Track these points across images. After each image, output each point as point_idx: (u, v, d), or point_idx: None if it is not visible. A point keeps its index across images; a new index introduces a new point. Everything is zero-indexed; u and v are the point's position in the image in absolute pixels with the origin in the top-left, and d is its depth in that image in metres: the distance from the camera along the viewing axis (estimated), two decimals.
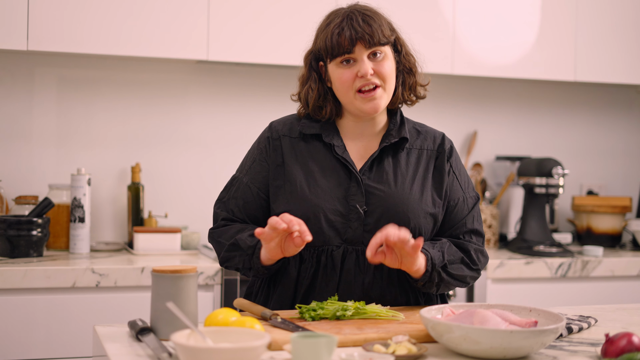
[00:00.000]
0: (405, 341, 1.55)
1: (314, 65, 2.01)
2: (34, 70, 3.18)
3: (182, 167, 3.35)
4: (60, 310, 2.63)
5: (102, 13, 2.92)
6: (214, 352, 1.32)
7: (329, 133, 1.99)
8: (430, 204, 1.97)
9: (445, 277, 1.92)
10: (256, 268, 1.91)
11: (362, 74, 1.91)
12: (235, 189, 2.03)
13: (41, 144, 3.19)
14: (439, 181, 2.01)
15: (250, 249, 1.90)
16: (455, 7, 3.32)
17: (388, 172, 1.97)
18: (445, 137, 2.07)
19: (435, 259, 1.89)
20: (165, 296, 1.62)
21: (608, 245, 3.56)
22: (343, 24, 1.92)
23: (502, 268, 3.08)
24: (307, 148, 1.99)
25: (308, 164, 1.97)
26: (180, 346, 1.34)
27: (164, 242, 3.03)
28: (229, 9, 3.05)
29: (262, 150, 2.03)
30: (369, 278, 1.92)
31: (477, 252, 2.00)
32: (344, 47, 1.91)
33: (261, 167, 2.01)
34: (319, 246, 1.93)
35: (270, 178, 1.99)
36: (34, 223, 2.82)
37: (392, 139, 1.99)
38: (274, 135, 2.02)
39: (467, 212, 2.02)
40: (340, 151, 1.97)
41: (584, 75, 3.51)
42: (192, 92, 3.36)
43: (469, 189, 2.05)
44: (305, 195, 1.93)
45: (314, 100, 1.99)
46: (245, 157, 2.08)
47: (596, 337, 1.75)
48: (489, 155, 3.77)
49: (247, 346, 1.33)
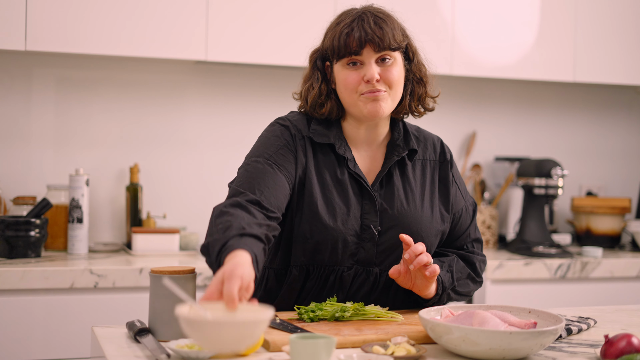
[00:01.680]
0: (404, 342, 1.55)
1: (319, 65, 1.94)
2: (32, 71, 3.17)
3: (181, 167, 3.34)
4: (58, 311, 2.62)
5: (101, 13, 2.91)
6: (226, 325, 1.30)
7: (340, 143, 1.91)
8: (439, 221, 1.95)
9: (454, 296, 1.93)
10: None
11: (368, 78, 1.84)
12: (254, 169, 1.81)
13: (39, 145, 3.18)
14: (445, 194, 1.97)
15: (214, 265, 1.63)
16: (454, 7, 3.31)
17: (399, 188, 1.92)
18: (444, 143, 2.04)
19: (445, 282, 1.87)
20: (163, 297, 1.62)
21: (607, 246, 3.55)
22: (353, 24, 1.84)
23: (501, 269, 3.08)
24: (323, 157, 1.90)
25: (324, 175, 1.89)
26: (192, 320, 1.31)
27: (163, 242, 3.03)
28: (228, 10, 3.04)
29: (288, 141, 1.89)
30: (375, 296, 1.91)
31: (481, 263, 2.00)
32: (352, 49, 1.84)
33: (289, 157, 1.86)
34: (329, 266, 1.88)
35: (297, 175, 1.86)
36: (32, 224, 2.81)
37: (401, 152, 1.93)
38: (298, 134, 1.90)
39: (470, 222, 2.01)
40: (352, 166, 1.90)
41: (583, 76, 3.51)
42: (191, 93, 3.35)
43: (467, 196, 2.03)
44: (324, 219, 1.84)
45: (313, 98, 1.91)
46: (257, 146, 1.90)
47: (595, 338, 1.74)
48: (488, 156, 3.76)
49: (256, 319, 1.32)
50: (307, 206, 1.86)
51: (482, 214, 3.48)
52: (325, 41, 1.92)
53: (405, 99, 1.94)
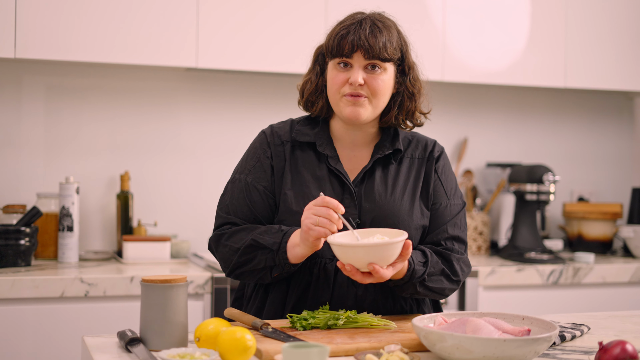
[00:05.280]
0: (398, 350, 1.54)
1: (320, 60, 1.99)
2: (21, 78, 3.16)
3: (172, 174, 3.33)
4: (48, 320, 2.60)
5: (91, 20, 2.90)
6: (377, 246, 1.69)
7: (322, 142, 1.96)
8: (420, 215, 1.96)
9: (422, 291, 1.88)
10: (281, 265, 1.83)
11: (351, 81, 1.88)
12: (238, 191, 1.96)
13: (29, 153, 3.17)
14: (426, 189, 1.99)
15: (275, 244, 1.82)
16: (445, 14, 3.32)
17: (379, 183, 1.95)
18: (437, 143, 2.05)
19: (417, 271, 1.84)
20: (155, 306, 1.60)
21: (599, 251, 3.56)
22: (350, 27, 1.89)
23: (494, 275, 3.07)
24: (302, 156, 1.97)
25: (302, 173, 1.94)
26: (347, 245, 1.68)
27: (154, 250, 3.01)
28: (218, 16, 3.04)
29: (265, 151, 1.98)
30: (361, 290, 1.90)
31: (460, 262, 1.96)
32: (344, 51, 1.88)
33: (266, 168, 1.96)
34: (311, 258, 1.90)
35: (275, 181, 1.95)
36: (22, 232, 2.80)
37: (385, 150, 1.97)
38: (276, 140, 1.99)
39: (450, 219, 1.99)
40: (333, 162, 1.94)
41: (574, 82, 3.51)
42: (182, 100, 3.35)
43: (455, 197, 2.02)
44: (297, 209, 1.89)
45: (309, 93, 1.98)
46: (242, 160, 2.02)
47: (589, 345, 1.74)
48: (479, 162, 3.76)
49: (397, 238, 1.69)
50: (283, 203, 1.92)
51: (474, 220, 3.47)
52: (325, 39, 1.97)
53: (393, 110, 1.96)
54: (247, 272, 1.89)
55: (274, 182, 1.94)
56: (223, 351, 1.49)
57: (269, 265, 1.85)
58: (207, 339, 1.57)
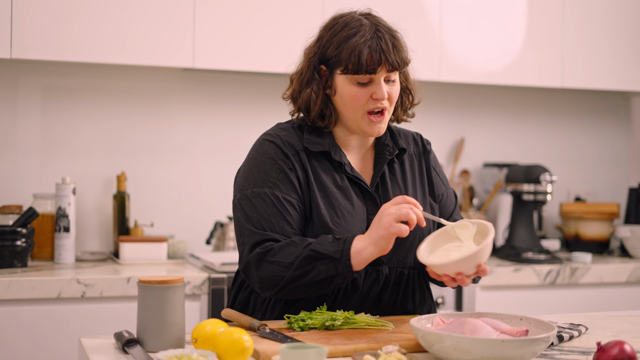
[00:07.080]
0: (396, 351, 1.54)
1: (318, 68, 1.91)
2: (18, 79, 3.15)
3: (168, 175, 3.32)
4: (45, 321, 2.60)
5: (87, 21, 2.89)
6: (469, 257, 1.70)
7: (335, 150, 1.92)
8: (432, 210, 2.00)
9: None
10: (344, 273, 1.76)
11: (378, 97, 1.85)
12: (269, 206, 1.83)
13: (25, 153, 3.16)
14: (429, 183, 2.03)
15: (337, 252, 1.75)
16: (442, 13, 3.32)
17: (391, 184, 1.96)
18: (422, 136, 2.09)
19: None
20: (152, 307, 1.60)
21: (596, 251, 3.56)
22: (371, 42, 1.83)
23: (491, 275, 3.07)
24: (319, 166, 1.91)
25: (326, 184, 1.89)
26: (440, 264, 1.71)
27: (150, 251, 3.01)
28: (215, 17, 3.03)
29: (285, 162, 1.88)
30: (386, 295, 1.91)
31: None
32: (368, 67, 1.83)
33: (292, 180, 1.87)
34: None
35: (304, 193, 1.87)
36: (18, 233, 2.79)
37: (391, 150, 1.98)
38: (291, 150, 1.89)
39: (453, 207, 2.06)
40: (349, 169, 1.92)
41: (571, 82, 3.51)
42: (178, 100, 3.34)
43: (448, 185, 2.09)
44: (333, 226, 1.85)
45: (318, 108, 1.90)
46: (255, 172, 1.88)
47: (587, 345, 1.74)
48: (476, 162, 3.76)
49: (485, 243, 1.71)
50: (316, 217, 1.86)
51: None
52: (330, 49, 1.88)
53: (397, 110, 2.00)
54: (302, 287, 1.79)
55: (302, 194, 1.87)
56: (220, 352, 1.49)
57: (330, 276, 1.77)
58: (204, 340, 1.57)
